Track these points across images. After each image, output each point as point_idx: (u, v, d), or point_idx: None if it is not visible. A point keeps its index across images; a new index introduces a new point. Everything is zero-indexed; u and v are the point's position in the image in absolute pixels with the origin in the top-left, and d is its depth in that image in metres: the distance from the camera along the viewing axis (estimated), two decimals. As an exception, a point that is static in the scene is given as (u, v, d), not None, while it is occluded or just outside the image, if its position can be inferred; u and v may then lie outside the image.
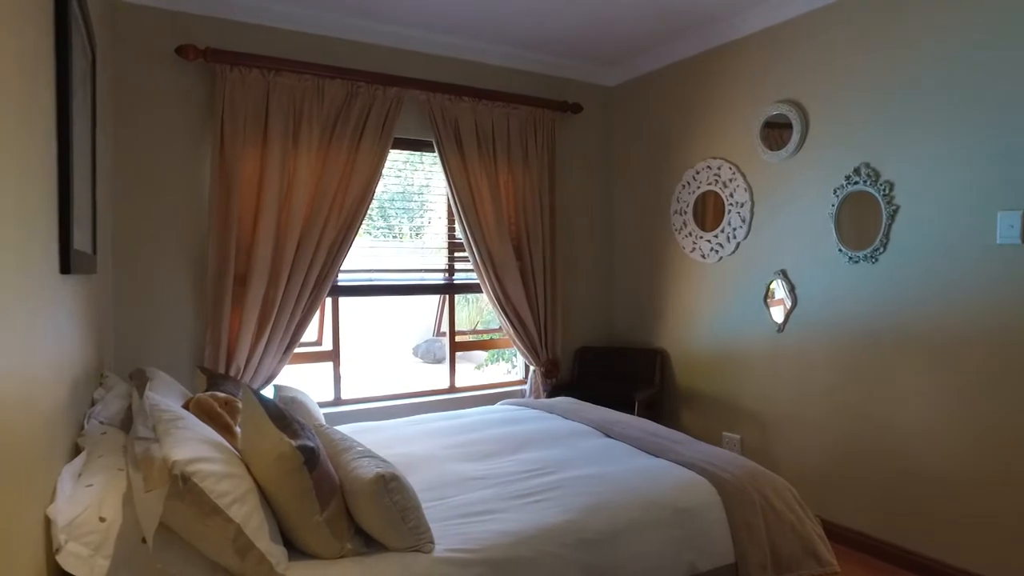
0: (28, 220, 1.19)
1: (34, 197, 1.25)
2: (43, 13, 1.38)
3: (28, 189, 1.19)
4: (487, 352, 5.22)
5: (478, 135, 3.62)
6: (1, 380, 0.95)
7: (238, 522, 1.42)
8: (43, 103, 1.36)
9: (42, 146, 1.34)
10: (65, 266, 1.55)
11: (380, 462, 1.71)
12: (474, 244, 3.59)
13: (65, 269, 1.55)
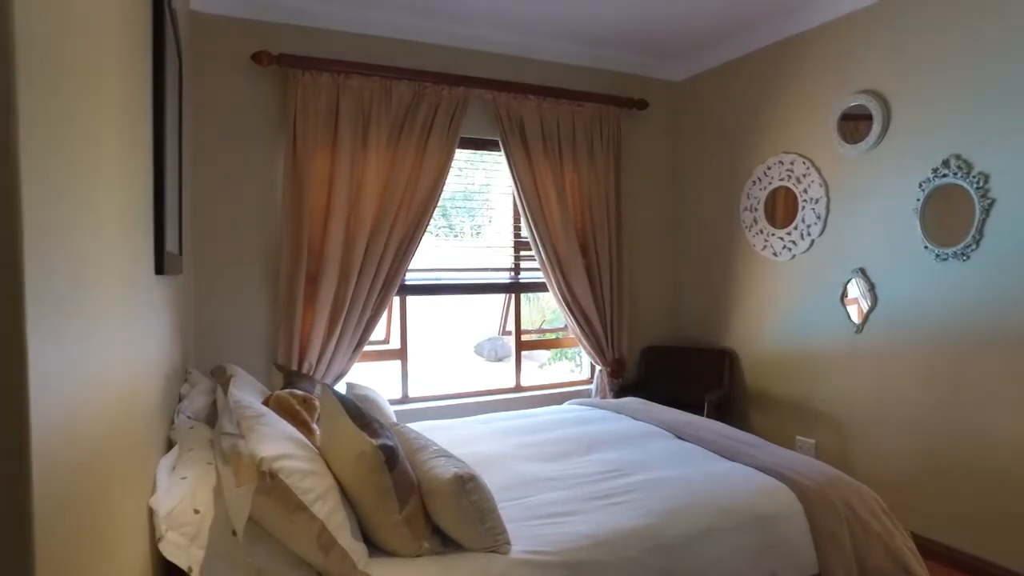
0: (131, 224, 1.24)
1: (135, 201, 1.30)
2: (143, 26, 1.43)
3: (131, 194, 1.24)
4: (550, 351, 5.20)
5: (543, 133, 3.60)
6: (113, 376, 1.00)
7: (321, 519, 1.45)
8: (142, 112, 1.42)
9: (141, 152, 1.40)
10: (159, 267, 1.61)
11: (456, 462, 1.72)
12: (540, 242, 3.57)
13: (159, 270, 1.62)
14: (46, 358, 0.62)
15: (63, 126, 0.73)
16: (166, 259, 1.67)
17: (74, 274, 0.77)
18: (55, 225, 0.68)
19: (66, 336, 0.72)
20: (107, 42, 1.01)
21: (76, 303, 0.77)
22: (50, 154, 0.66)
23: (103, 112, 0.97)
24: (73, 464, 0.73)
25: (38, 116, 0.61)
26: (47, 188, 0.66)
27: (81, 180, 0.82)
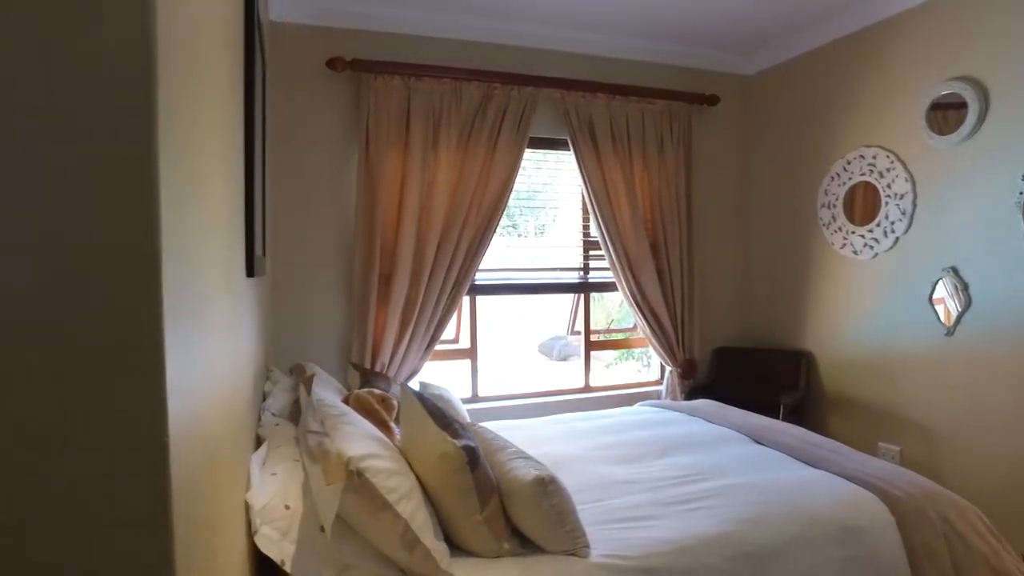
0: (229, 229, 1.29)
1: (232, 206, 1.35)
2: (236, 39, 1.49)
3: (229, 200, 1.29)
4: (616, 351, 5.15)
5: (613, 131, 3.56)
6: (221, 376, 1.04)
7: (405, 518, 1.47)
8: (237, 119, 1.48)
9: (235, 158, 1.45)
10: (250, 270, 1.68)
11: (536, 464, 1.72)
12: (609, 241, 3.54)
13: (250, 272, 1.68)
14: (177, 362, 0.65)
15: (185, 139, 0.76)
16: (255, 262, 1.74)
17: (195, 280, 0.80)
18: (181, 233, 0.71)
19: (191, 339, 0.75)
20: (214, 56, 1.05)
21: (197, 308, 0.81)
22: (177, 169, 0.69)
23: (211, 121, 1.01)
24: (196, 459, 0.77)
25: (170, 131, 0.64)
26: (179, 202, 0.69)
27: (198, 190, 0.85)
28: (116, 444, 0.56)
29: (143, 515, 0.58)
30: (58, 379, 0.54)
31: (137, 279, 0.57)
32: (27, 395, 0.54)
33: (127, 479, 0.57)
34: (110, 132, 0.55)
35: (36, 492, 0.55)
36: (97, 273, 0.55)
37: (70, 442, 0.55)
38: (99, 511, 0.56)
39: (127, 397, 0.57)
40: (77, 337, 0.55)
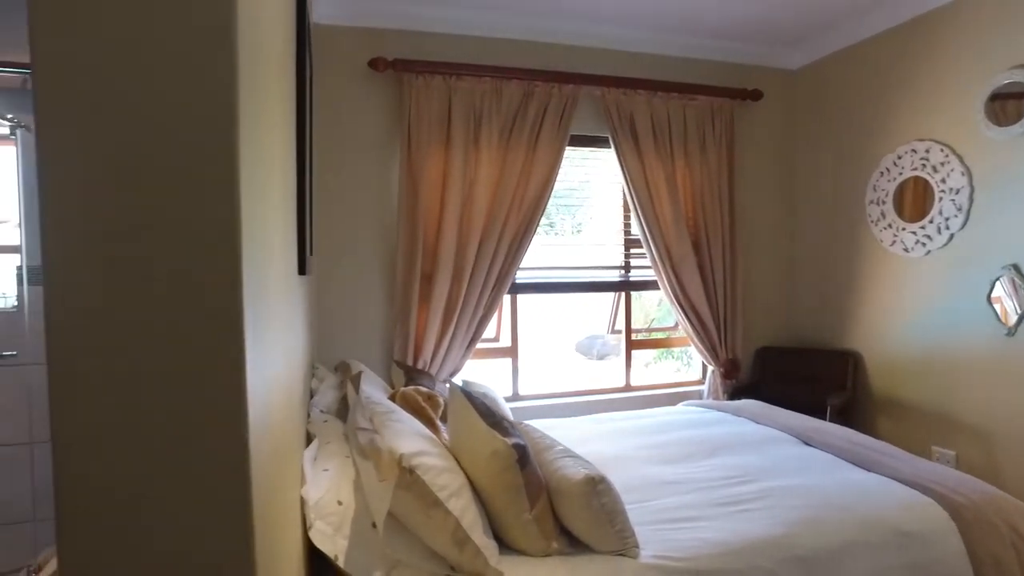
0: (286, 228, 1.30)
1: (287, 204, 1.37)
2: (290, 44, 1.51)
3: (285, 198, 1.31)
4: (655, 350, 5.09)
5: (654, 128, 3.52)
6: (280, 373, 1.05)
7: (456, 515, 1.47)
8: (291, 119, 1.49)
9: (289, 155, 1.47)
10: (301, 267, 1.70)
11: (584, 463, 1.71)
12: (651, 239, 3.50)
13: (301, 270, 1.70)
14: (253, 361, 0.65)
15: (254, 135, 0.76)
16: (307, 261, 1.76)
17: (264, 279, 0.81)
18: (253, 233, 0.72)
19: (262, 338, 0.76)
20: (275, 55, 1.06)
21: (265, 307, 0.82)
22: (249, 167, 0.70)
23: (272, 118, 1.02)
24: (265, 456, 0.78)
25: (246, 129, 0.64)
26: (252, 199, 0.69)
27: (264, 187, 0.86)
28: (208, 443, 0.57)
29: (229, 508, 0.59)
30: (167, 379, 0.55)
31: (223, 279, 0.58)
32: (135, 394, 0.55)
33: (215, 474, 0.58)
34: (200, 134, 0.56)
35: (140, 485, 0.56)
36: (192, 276, 0.56)
37: (173, 438, 0.56)
38: (192, 503, 0.57)
39: (217, 396, 0.57)
40: (181, 338, 0.56)
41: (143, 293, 0.56)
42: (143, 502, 0.57)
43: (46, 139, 0.55)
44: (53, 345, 0.56)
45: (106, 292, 0.56)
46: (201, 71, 0.56)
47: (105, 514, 0.57)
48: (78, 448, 0.56)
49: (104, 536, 0.57)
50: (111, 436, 0.56)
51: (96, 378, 0.56)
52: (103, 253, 0.56)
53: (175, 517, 0.58)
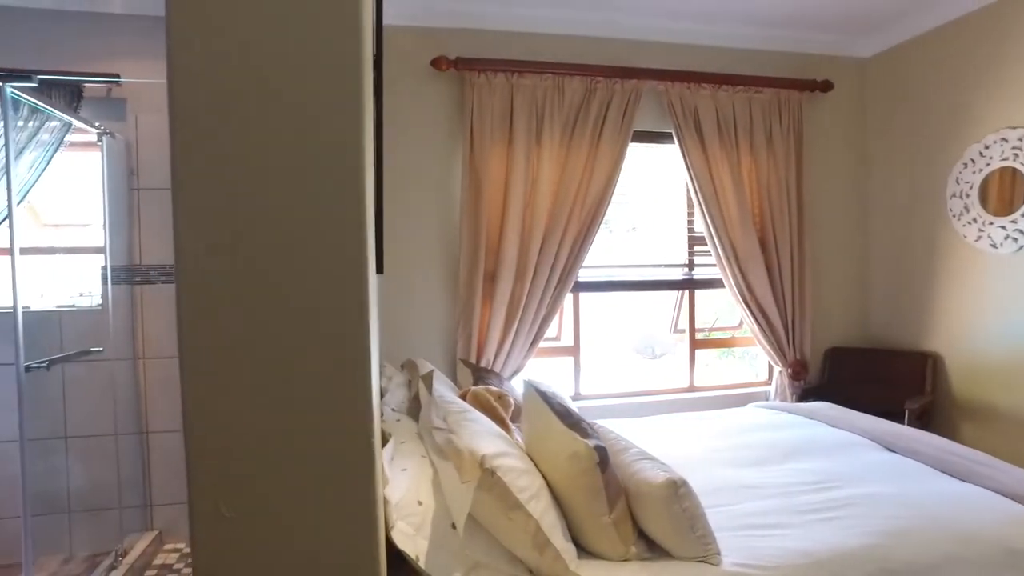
0: (370, 227, 1.31)
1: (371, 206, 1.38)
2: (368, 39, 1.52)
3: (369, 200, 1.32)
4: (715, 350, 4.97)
5: (719, 123, 3.43)
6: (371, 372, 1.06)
7: (536, 518, 1.46)
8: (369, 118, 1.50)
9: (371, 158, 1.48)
10: (379, 267, 1.71)
11: (663, 465, 1.67)
12: (716, 237, 3.41)
13: (379, 270, 1.72)
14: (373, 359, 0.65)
15: (369, 143, 0.76)
16: (382, 259, 1.78)
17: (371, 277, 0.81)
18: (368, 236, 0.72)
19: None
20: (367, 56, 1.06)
21: (373, 303, 0.81)
22: (368, 171, 0.70)
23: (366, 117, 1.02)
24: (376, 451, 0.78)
25: (367, 140, 0.64)
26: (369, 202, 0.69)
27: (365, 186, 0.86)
28: (337, 438, 0.57)
29: (357, 505, 0.58)
30: (298, 378, 0.56)
31: (352, 281, 0.57)
32: (265, 391, 0.55)
33: (344, 471, 0.58)
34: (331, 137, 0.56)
35: (271, 480, 0.56)
36: (321, 276, 0.56)
37: (303, 435, 0.56)
38: (322, 500, 0.57)
39: (345, 393, 0.57)
40: (311, 338, 0.56)
41: (273, 295, 0.56)
42: (273, 497, 0.57)
43: (181, 145, 0.56)
44: (186, 344, 0.57)
45: (236, 293, 0.56)
46: (332, 75, 0.56)
47: (237, 508, 0.57)
48: (211, 443, 0.57)
49: (236, 533, 0.57)
50: (241, 432, 0.57)
51: (227, 376, 0.57)
52: (234, 253, 0.56)
53: (306, 513, 0.58)
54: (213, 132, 0.55)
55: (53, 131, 2.82)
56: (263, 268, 0.55)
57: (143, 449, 3.05)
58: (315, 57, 0.55)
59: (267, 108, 0.56)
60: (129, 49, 3.00)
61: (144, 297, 3.03)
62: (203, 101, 0.55)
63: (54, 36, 2.93)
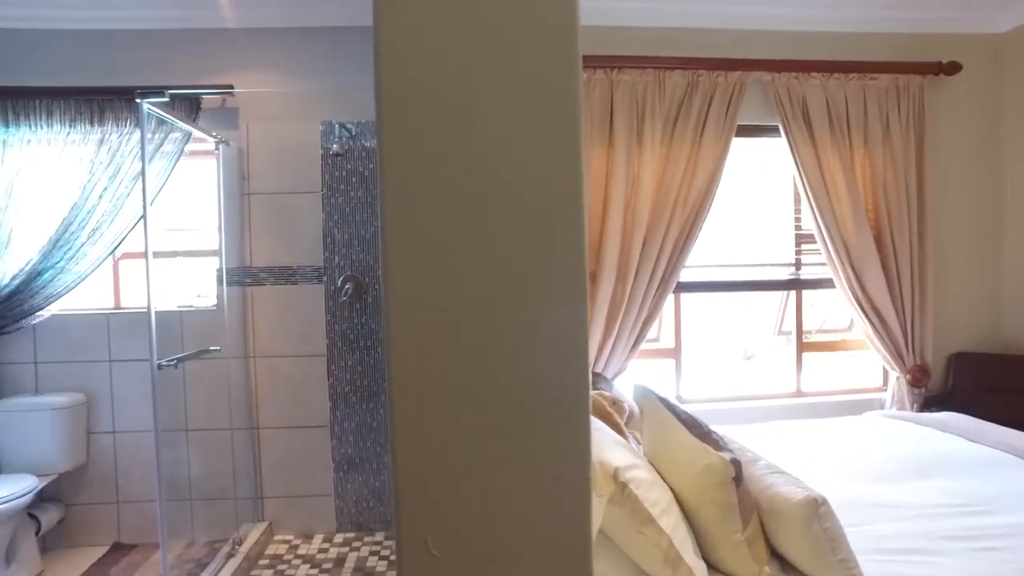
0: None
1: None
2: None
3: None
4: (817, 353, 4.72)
5: (830, 113, 3.24)
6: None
7: (668, 533, 1.40)
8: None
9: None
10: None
11: (796, 480, 1.57)
12: (826, 234, 3.23)
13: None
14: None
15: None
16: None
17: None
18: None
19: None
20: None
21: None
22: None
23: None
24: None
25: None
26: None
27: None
28: (558, 490, 0.55)
29: (572, 507, 0.56)
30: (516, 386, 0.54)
31: (573, 295, 0.54)
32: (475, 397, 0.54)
33: (561, 475, 0.55)
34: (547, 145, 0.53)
35: (482, 481, 0.54)
36: (549, 295, 0.54)
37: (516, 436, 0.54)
38: (534, 502, 0.55)
39: (570, 433, 0.55)
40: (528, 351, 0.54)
41: (488, 318, 0.54)
42: (485, 539, 0.55)
43: (389, 152, 0.54)
44: (396, 372, 0.55)
45: (449, 317, 0.54)
46: (549, 76, 0.53)
47: (444, 509, 0.55)
48: (421, 476, 0.55)
49: (443, 573, 0.55)
50: (454, 466, 0.54)
51: (439, 405, 0.55)
52: (448, 274, 0.54)
53: (519, 561, 0.55)
54: (421, 136, 0.53)
55: (175, 141, 2.98)
56: (478, 290, 0.53)
57: (254, 443, 3.18)
58: (528, 61, 0.52)
59: (477, 113, 0.53)
60: (240, 61, 3.13)
61: (254, 298, 3.16)
62: (412, 104, 0.52)
63: (172, 53, 3.10)
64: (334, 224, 3.15)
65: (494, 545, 0.55)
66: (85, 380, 3.10)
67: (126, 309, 3.25)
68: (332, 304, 3.16)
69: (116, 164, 2.96)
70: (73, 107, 2.96)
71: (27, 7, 3.00)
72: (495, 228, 0.54)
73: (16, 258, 2.93)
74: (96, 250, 2.95)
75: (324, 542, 3.13)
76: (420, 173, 0.54)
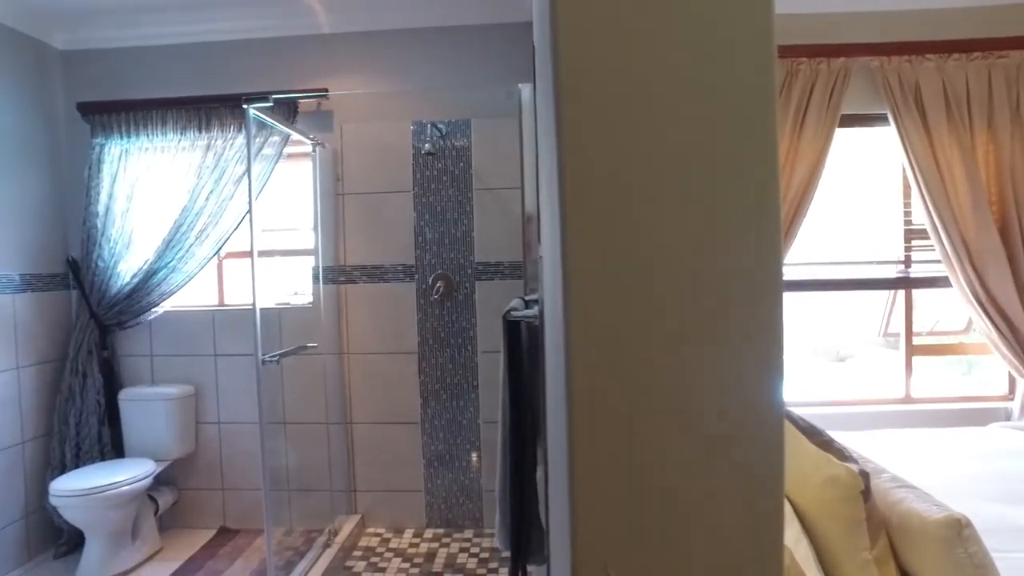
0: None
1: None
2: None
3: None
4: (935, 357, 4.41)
5: (947, 98, 3.00)
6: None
7: (790, 548, 1.32)
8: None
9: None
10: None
11: (929, 496, 1.46)
12: (942, 229, 3.00)
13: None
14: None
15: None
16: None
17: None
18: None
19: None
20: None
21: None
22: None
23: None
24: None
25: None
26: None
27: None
28: (747, 516, 0.51)
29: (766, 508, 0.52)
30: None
31: (769, 304, 0.50)
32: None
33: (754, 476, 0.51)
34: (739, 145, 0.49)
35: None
36: (740, 303, 0.50)
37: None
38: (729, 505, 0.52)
39: (762, 448, 0.50)
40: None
41: (673, 327, 0.50)
42: (670, 569, 0.51)
43: (571, 153, 0.51)
44: (577, 387, 0.52)
45: (633, 330, 0.51)
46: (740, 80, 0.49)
47: (624, 536, 0.52)
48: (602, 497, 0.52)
49: (623, 558, 0.52)
50: (638, 490, 0.51)
51: (621, 423, 0.52)
52: (630, 283, 0.51)
53: (708, 548, 0.52)
54: (603, 135, 0.50)
55: (274, 145, 3.10)
56: (664, 303, 0.49)
57: (348, 438, 3.27)
58: (722, 57, 0.48)
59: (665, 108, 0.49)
60: (333, 65, 3.22)
61: (348, 295, 3.25)
62: (595, 100, 0.49)
63: (269, 60, 3.22)
64: (425, 223, 3.19)
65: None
66: (193, 373, 3.28)
67: (229, 306, 3.41)
68: (423, 302, 3.21)
69: (220, 168, 3.10)
70: (183, 116, 3.13)
71: (139, 27, 3.20)
72: (685, 244, 0.50)
73: (136, 258, 3.13)
74: (203, 250, 3.11)
75: (414, 537, 3.19)
76: (605, 173, 0.51)
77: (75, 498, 2.64)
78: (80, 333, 3.13)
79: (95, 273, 3.13)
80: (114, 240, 3.13)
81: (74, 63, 3.30)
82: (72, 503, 2.65)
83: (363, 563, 2.93)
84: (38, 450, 3.06)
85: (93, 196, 3.15)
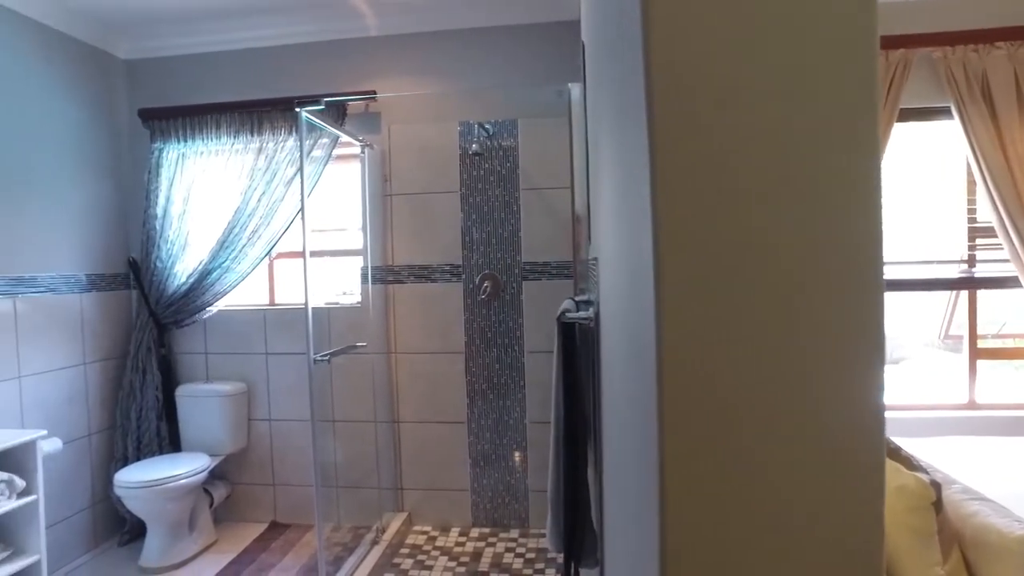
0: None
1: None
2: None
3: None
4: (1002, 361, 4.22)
5: (1019, 86, 2.86)
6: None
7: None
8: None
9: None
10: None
11: (1004, 510, 1.39)
12: (1011, 226, 2.86)
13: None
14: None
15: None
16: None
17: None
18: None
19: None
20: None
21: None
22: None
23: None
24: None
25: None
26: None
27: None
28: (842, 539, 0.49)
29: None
30: None
31: (870, 312, 0.48)
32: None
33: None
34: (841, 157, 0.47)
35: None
36: (840, 310, 0.48)
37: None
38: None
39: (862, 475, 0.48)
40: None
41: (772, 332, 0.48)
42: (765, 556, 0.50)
43: (665, 160, 0.49)
44: (668, 406, 0.51)
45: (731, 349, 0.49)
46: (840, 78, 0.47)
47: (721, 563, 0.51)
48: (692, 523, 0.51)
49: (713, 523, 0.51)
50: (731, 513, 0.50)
51: (713, 445, 0.50)
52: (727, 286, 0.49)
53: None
54: (698, 134, 0.48)
55: (323, 147, 3.15)
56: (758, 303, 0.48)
57: (395, 436, 3.31)
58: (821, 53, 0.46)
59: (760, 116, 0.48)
60: (381, 67, 3.25)
61: (395, 295, 3.28)
62: (689, 96, 0.48)
63: (318, 64, 3.27)
64: (472, 223, 3.20)
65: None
66: (245, 370, 3.36)
67: (280, 305, 3.48)
68: (470, 302, 3.22)
69: (272, 170, 3.17)
70: (236, 119, 3.21)
71: (197, 35, 3.29)
72: (785, 243, 0.48)
73: (192, 258, 3.22)
74: (255, 250, 3.19)
75: (460, 536, 3.20)
76: (699, 174, 0.49)
77: (137, 489, 2.74)
78: (140, 331, 3.24)
79: (153, 273, 3.24)
80: (171, 241, 3.23)
81: (136, 71, 3.42)
82: (135, 494, 2.75)
83: (410, 560, 2.95)
84: (103, 443, 3.18)
85: (152, 199, 3.26)
